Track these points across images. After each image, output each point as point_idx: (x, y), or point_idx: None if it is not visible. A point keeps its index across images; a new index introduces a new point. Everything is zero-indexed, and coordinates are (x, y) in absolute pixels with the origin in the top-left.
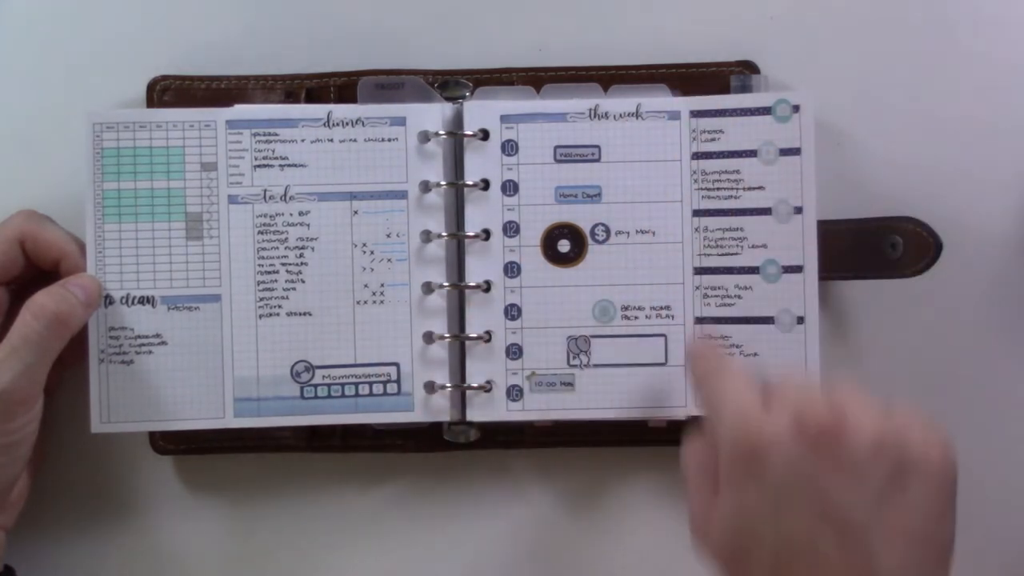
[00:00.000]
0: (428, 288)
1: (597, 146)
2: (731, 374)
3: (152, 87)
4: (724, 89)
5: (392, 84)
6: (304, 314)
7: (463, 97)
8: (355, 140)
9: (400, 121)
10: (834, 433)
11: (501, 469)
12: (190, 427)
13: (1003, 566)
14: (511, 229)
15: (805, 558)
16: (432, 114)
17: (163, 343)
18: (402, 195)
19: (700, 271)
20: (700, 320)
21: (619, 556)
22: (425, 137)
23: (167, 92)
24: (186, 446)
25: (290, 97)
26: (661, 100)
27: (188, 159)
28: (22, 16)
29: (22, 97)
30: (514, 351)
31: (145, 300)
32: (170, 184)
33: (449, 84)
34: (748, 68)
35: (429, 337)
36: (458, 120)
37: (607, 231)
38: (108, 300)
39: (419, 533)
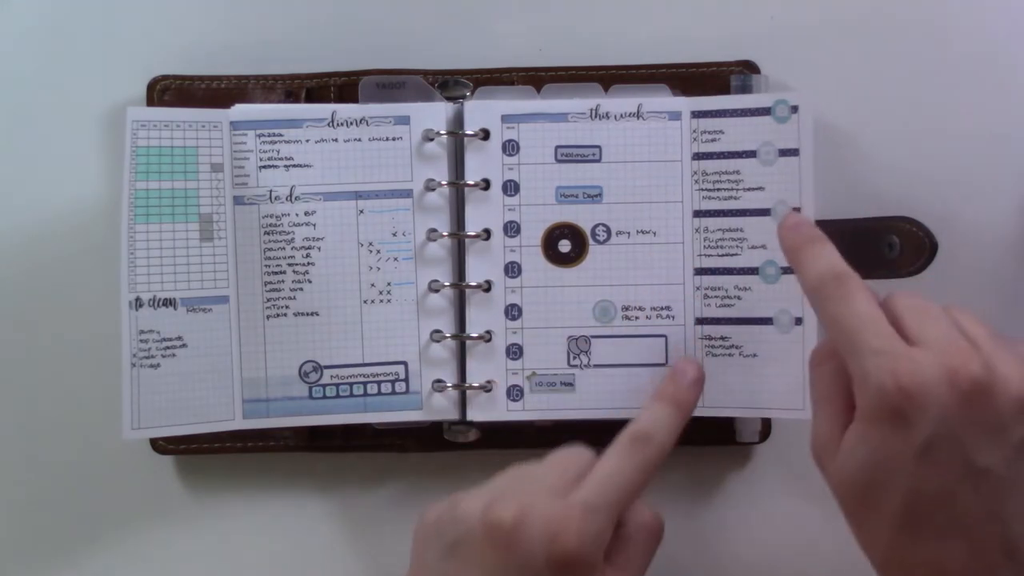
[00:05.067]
0: (434, 287)
1: (598, 146)
2: (854, 286)
3: (152, 87)
4: (724, 89)
5: (393, 84)
6: (311, 314)
7: (463, 97)
8: (360, 140)
9: (404, 120)
10: (985, 388)
11: (501, 469)
12: (203, 430)
13: None
14: (512, 229)
15: (943, 511)
16: (436, 113)
17: (184, 345)
18: (407, 194)
19: (700, 271)
20: (700, 320)
21: None
22: (429, 136)
23: (167, 92)
24: (186, 446)
25: (290, 97)
26: (662, 100)
27: (200, 159)
28: (22, 16)
29: (22, 97)
30: (514, 351)
31: (168, 302)
32: (187, 184)
33: (449, 84)
34: (748, 68)
35: (436, 335)
36: (459, 120)
37: (608, 231)
38: (138, 303)
39: None
